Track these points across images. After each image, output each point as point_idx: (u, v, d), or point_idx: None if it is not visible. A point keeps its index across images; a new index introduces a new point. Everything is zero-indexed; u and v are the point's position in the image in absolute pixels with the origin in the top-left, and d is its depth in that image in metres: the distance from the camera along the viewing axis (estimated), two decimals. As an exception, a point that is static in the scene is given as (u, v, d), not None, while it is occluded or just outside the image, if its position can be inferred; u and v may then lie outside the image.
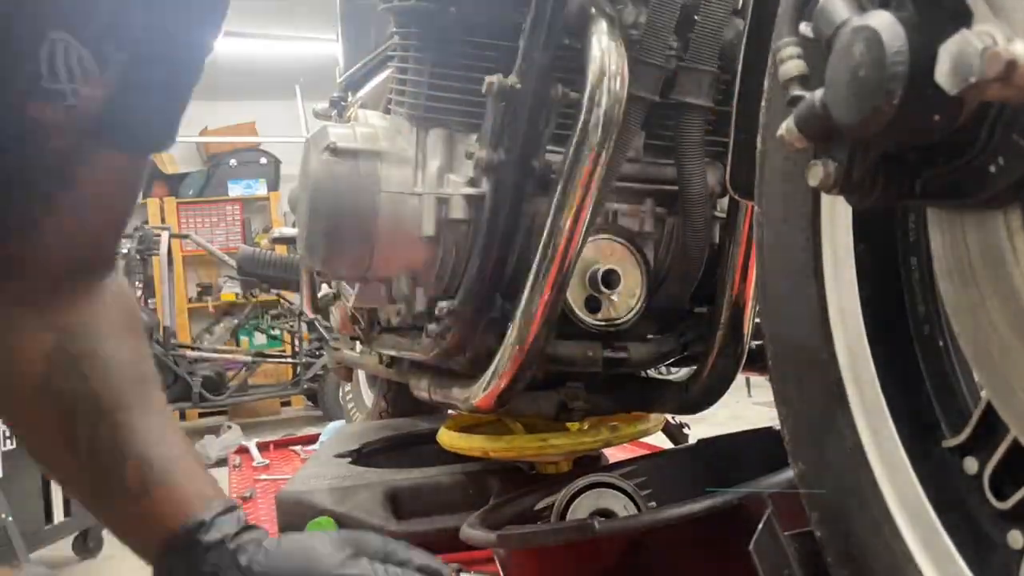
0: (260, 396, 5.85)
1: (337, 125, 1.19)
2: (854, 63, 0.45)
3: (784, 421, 0.69)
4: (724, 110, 1.16)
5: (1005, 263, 0.46)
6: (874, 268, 0.62)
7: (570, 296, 1.20)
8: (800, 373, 0.67)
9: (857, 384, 0.62)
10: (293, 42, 5.71)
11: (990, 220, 0.46)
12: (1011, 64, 0.38)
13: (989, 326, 0.48)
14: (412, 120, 1.19)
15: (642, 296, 1.25)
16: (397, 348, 1.39)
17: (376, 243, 1.15)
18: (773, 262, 0.70)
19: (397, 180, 1.16)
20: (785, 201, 0.67)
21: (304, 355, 5.78)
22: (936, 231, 0.51)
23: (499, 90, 1.05)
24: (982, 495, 0.53)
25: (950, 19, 0.42)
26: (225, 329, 6.81)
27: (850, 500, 0.61)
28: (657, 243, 1.28)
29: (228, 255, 5.48)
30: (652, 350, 1.28)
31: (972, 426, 0.55)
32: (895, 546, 0.58)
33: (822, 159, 0.50)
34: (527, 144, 1.08)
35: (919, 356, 0.61)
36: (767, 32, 0.64)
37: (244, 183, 7.04)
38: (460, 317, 1.15)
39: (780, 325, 0.69)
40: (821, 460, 0.65)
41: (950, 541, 0.55)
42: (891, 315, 0.62)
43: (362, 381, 2.43)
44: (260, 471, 2.38)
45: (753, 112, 0.69)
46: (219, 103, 7.19)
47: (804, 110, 0.49)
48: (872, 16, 0.45)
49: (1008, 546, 0.51)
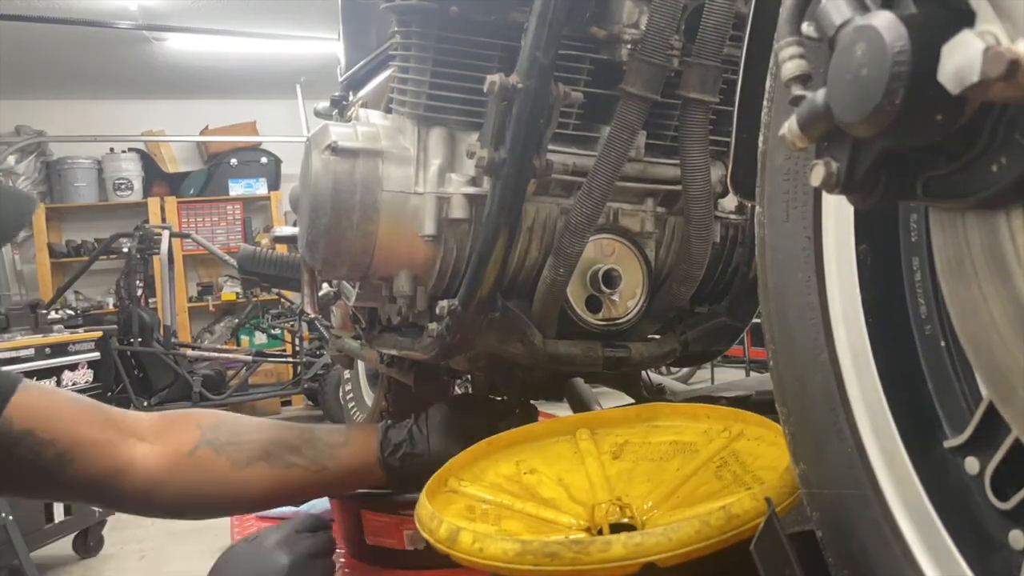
0: (260, 395, 5.86)
1: (338, 124, 1.19)
2: (856, 63, 0.45)
3: (785, 421, 0.69)
4: (726, 109, 1.16)
5: (1007, 263, 0.46)
6: (876, 268, 0.62)
7: (571, 295, 1.21)
8: (801, 373, 0.67)
9: (858, 384, 0.62)
10: (294, 41, 5.71)
11: (992, 220, 0.46)
12: (1014, 64, 0.38)
13: (991, 326, 0.48)
14: (413, 119, 1.19)
15: (643, 296, 1.25)
16: (398, 347, 1.39)
17: (377, 242, 1.15)
18: (774, 262, 0.70)
19: (398, 179, 1.16)
20: (786, 201, 0.67)
21: (304, 354, 5.79)
22: (938, 231, 0.51)
23: (501, 89, 1.05)
24: (983, 495, 0.53)
25: (953, 19, 0.42)
26: (225, 328, 6.83)
27: (851, 500, 0.61)
28: (658, 243, 1.28)
29: (229, 254, 5.49)
30: (653, 350, 1.28)
31: (973, 426, 0.55)
32: (896, 546, 0.58)
33: (824, 159, 0.50)
34: (528, 143, 1.08)
35: (920, 356, 0.61)
36: (769, 31, 0.64)
37: (245, 182, 7.05)
38: (461, 316, 1.15)
39: (781, 325, 0.69)
40: (822, 460, 0.65)
41: (951, 541, 0.55)
42: (893, 315, 0.62)
43: (362, 381, 2.42)
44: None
45: (755, 111, 0.69)
46: (220, 102, 7.21)
47: (806, 110, 0.49)
48: (874, 16, 0.44)
49: (1009, 546, 0.51)
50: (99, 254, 5.85)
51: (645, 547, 0.71)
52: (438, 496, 1.02)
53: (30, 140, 6.65)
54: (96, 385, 3.41)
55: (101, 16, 5.08)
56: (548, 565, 0.72)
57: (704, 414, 1.07)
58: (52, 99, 6.83)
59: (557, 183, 1.20)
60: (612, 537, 0.74)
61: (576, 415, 1.24)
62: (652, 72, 1.11)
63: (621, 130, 1.11)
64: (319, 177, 1.13)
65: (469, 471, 1.09)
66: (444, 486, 1.05)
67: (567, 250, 1.14)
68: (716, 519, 0.72)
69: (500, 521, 0.95)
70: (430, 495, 0.99)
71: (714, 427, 1.05)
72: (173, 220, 6.63)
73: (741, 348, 6.08)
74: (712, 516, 0.73)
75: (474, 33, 1.16)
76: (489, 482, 1.06)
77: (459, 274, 1.19)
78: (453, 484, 1.05)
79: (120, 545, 3.44)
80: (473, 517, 0.96)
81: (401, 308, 1.28)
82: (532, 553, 0.73)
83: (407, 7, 1.15)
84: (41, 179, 6.78)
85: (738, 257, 1.33)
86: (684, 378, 6.62)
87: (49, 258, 6.57)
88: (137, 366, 5.36)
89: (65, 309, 5.35)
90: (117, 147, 6.87)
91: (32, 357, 3.09)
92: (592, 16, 1.18)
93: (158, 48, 5.78)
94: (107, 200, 6.83)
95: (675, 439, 1.07)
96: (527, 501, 1.00)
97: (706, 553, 0.72)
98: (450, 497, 1.03)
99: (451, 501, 1.02)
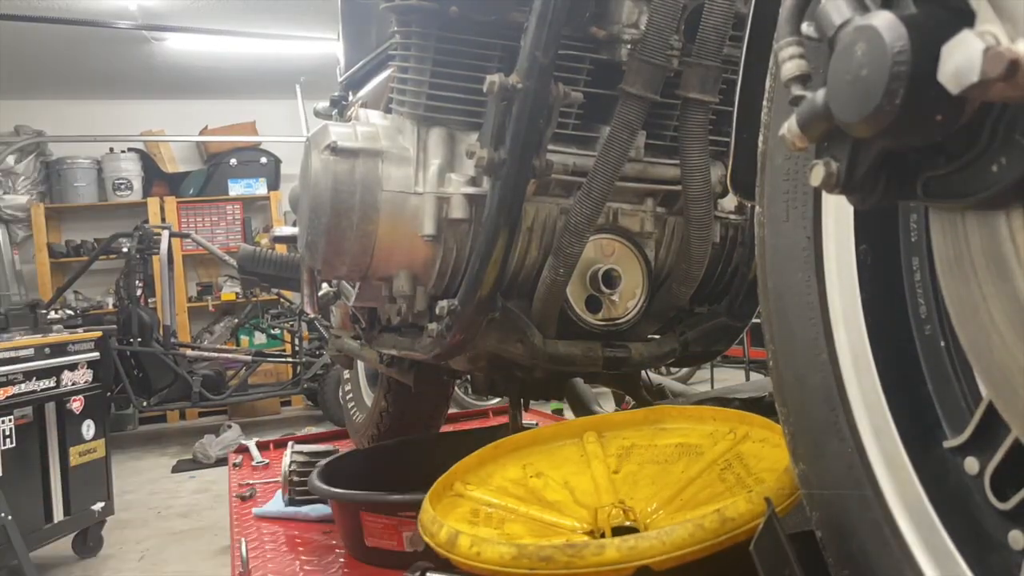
0: (260, 395, 5.85)
1: (338, 124, 1.19)
2: (856, 63, 0.45)
3: (785, 421, 0.69)
4: (726, 109, 1.16)
5: (1007, 263, 0.46)
6: (876, 268, 0.62)
7: (571, 295, 1.20)
8: (801, 373, 0.67)
9: (858, 384, 0.62)
10: (294, 41, 5.71)
11: (992, 220, 0.46)
12: (1014, 64, 0.38)
13: (991, 326, 0.47)
14: (413, 119, 1.19)
15: (643, 296, 1.25)
16: (397, 347, 1.39)
17: (377, 242, 1.15)
18: (774, 262, 0.70)
19: (398, 179, 1.16)
20: (786, 201, 0.67)
21: (304, 354, 5.78)
22: (938, 231, 0.51)
23: (500, 89, 1.05)
24: (983, 495, 0.53)
25: (953, 19, 0.42)
26: (225, 328, 6.82)
27: (851, 500, 0.61)
28: (658, 243, 1.28)
29: (228, 254, 5.48)
30: (653, 350, 1.28)
31: (973, 426, 0.55)
32: (896, 546, 0.58)
33: (824, 159, 0.50)
34: (528, 143, 1.08)
35: (920, 356, 0.60)
36: (769, 31, 0.64)
37: (244, 182, 7.04)
38: (460, 316, 1.15)
39: (781, 325, 0.69)
40: (822, 460, 0.65)
41: (951, 541, 0.55)
42: (892, 315, 0.62)
43: (362, 381, 2.42)
44: (260, 470, 2.38)
45: (755, 111, 0.69)
46: (219, 102, 7.20)
47: (806, 110, 0.49)
48: (874, 16, 0.44)
49: (1009, 546, 0.51)
50: (99, 254, 5.84)
51: (639, 550, 0.72)
52: (443, 500, 1.02)
53: (30, 140, 6.65)
54: (96, 385, 3.40)
55: (101, 16, 5.08)
56: (543, 569, 0.73)
57: (710, 416, 1.07)
58: (52, 99, 6.83)
59: (557, 183, 1.20)
60: (606, 541, 0.74)
61: (584, 418, 1.24)
62: (652, 72, 1.11)
63: (621, 130, 1.11)
64: (319, 177, 1.13)
65: (476, 475, 1.09)
66: (450, 490, 1.05)
67: (567, 250, 1.14)
68: (710, 522, 0.73)
69: (503, 525, 0.95)
70: (434, 499, 0.99)
71: (720, 429, 1.05)
72: (173, 220, 6.63)
73: (741, 348, 6.08)
74: (706, 519, 0.73)
75: (474, 33, 1.16)
76: (495, 486, 1.06)
77: (459, 274, 1.19)
78: (459, 488, 1.05)
79: (120, 545, 3.44)
80: (476, 521, 0.96)
81: (401, 308, 1.28)
82: (527, 557, 0.74)
83: (407, 7, 1.15)
84: (41, 179, 6.77)
85: (738, 257, 1.33)
86: (684, 378, 6.61)
87: (49, 258, 6.57)
88: (137, 366, 5.36)
89: (65, 309, 5.35)
90: (117, 147, 6.86)
91: (31, 357, 3.09)
92: (592, 16, 1.18)
93: (158, 48, 5.77)
94: (107, 200, 6.82)
95: (681, 441, 1.07)
96: (532, 504, 1.00)
97: (701, 556, 0.72)
98: (455, 501, 1.03)
99: (456, 505, 1.02)
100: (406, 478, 1.40)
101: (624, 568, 0.72)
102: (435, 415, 2.04)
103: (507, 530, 0.94)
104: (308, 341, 5.95)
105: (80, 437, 3.29)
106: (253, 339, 6.64)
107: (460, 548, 0.81)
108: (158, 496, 4.22)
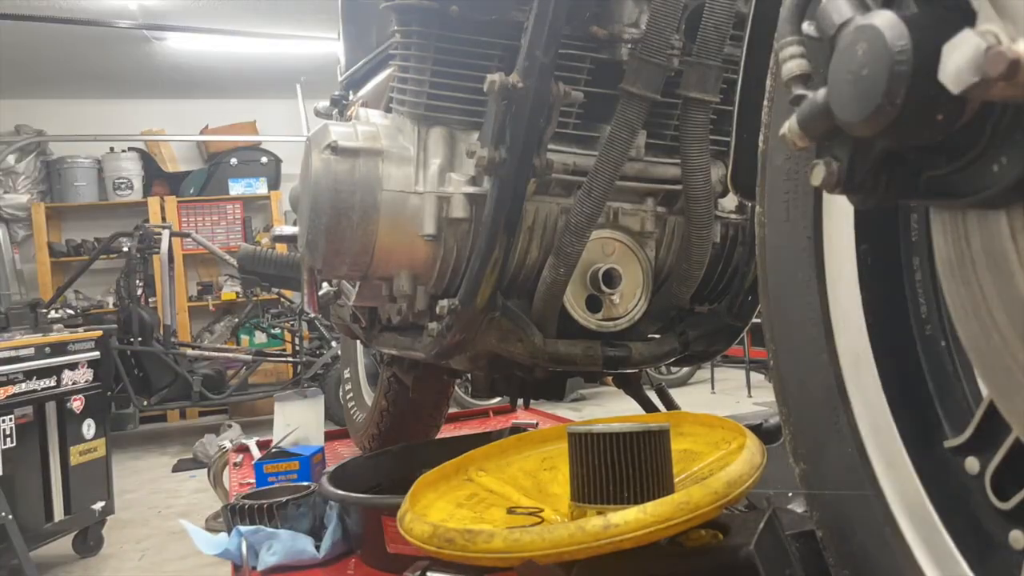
0: (260, 395, 5.85)
1: (338, 124, 1.19)
2: (857, 62, 0.45)
3: (786, 421, 0.69)
4: (726, 109, 1.16)
5: (1008, 262, 0.46)
6: (876, 268, 0.62)
7: (571, 295, 1.20)
8: (802, 373, 0.67)
9: (859, 384, 0.62)
10: (294, 41, 5.71)
11: (993, 219, 0.46)
12: (1015, 63, 0.38)
13: (991, 326, 0.47)
14: (413, 119, 1.19)
15: (643, 295, 1.25)
16: (398, 347, 1.39)
17: (377, 241, 1.15)
18: (775, 262, 0.70)
19: (398, 179, 1.16)
20: (787, 201, 0.67)
21: (304, 354, 5.78)
22: (938, 231, 0.51)
23: (500, 88, 1.05)
24: (984, 495, 0.53)
25: (953, 18, 0.42)
26: (225, 328, 6.82)
27: (852, 500, 0.61)
28: (658, 242, 1.28)
29: (229, 254, 5.48)
30: (653, 350, 1.28)
31: (974, 426, 0.55)
32: (896, 546, 0.58)
33: (824, 158, 0.50)
34: (528, 143, 1.08)
35: (921, 356, 0.60)
36: (769, 31, 0.64)
37: (245, 182, 7.04)
38: (461, 316, 1.15)
39: (782, 325, 0.69)
40: (823, 460, 0.65)
41: (951, 541, 0.55)
42: (893, 315, 0.62)
43: (362, 381, 2.42)
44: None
45: (755, 111, 0.69)
46: (220, 101, 7.20)
47: (807, 109, 0.49)
48: (875, 15, 0.44)
49: (1010, 546, 0.51)
50: (99, 253, 5.84)
51: (522, 543, 0.78)
52: (452, 480, 1.10)
53: (30, 139, 6.65)
54: (96, 385, 3.41)
55: (101, 16, 5.08)
56: (447, 549, 0.82)
57: (719, 424, 1.10)
58: (52, 99, 6.83)
59: (557, 183, 1.20)
60: (498, 531, 0.82)
61: (612, 418, 1.26)
62: (652, 71, 1.11)
63: (621, 129, 1.11)
64: (319, 176, 1.13)
65: (495, 462, 1.14)
66: (464, 473, 1.11)
67: (567, 250, 1.14)
68: (592, 526, 0.76)
69: (486, 511, 1.02)
70: (446, 478, 1.08)
71: (724, 438, 1.07)
72: (173, 219, 6.63)
73: (741, 348, 6.08)
74: (588, 523, 0.77)
75: (474, 32, 1.16)
76: (507, 475, 1.11)
77: (459, 274, 1.19)
78: (472, 473, 1.11)
79: (120, 545, 3.44)
80: (464, 504, 1.04)
81: (401, 307, 1.28)
82: (438, 537, 0.84)
83: (407, 6, 1.15)
84: (41, 178, 6.78)
85: (738, 257, 1.33)
86: (684, 378, 6.62)
87: (49, 257, 6.57)
88: (137, 365, 5.36)
89: (65, 308, 5.35)
90: (117, 146, 6.87)
91: (32, 356, 3.09)
92: (592, 16, 1.18)
93: (158, 48, 5.78)
94: (107, 199, 6.83)
95: (688, 447, 1.09)
96: (531, 495, 1.03)
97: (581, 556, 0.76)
98: (462, 483, 1.09)
99: (460, 487, 1.08)
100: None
101: (510, 558, 0.79)
102: (435, 415, 2.04)
103: (485, 516, 1.00)
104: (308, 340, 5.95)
105: (80, 436, 3.30)
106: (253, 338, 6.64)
107: (404, 523, 0.91)
108: (158, 495, 4.22)
